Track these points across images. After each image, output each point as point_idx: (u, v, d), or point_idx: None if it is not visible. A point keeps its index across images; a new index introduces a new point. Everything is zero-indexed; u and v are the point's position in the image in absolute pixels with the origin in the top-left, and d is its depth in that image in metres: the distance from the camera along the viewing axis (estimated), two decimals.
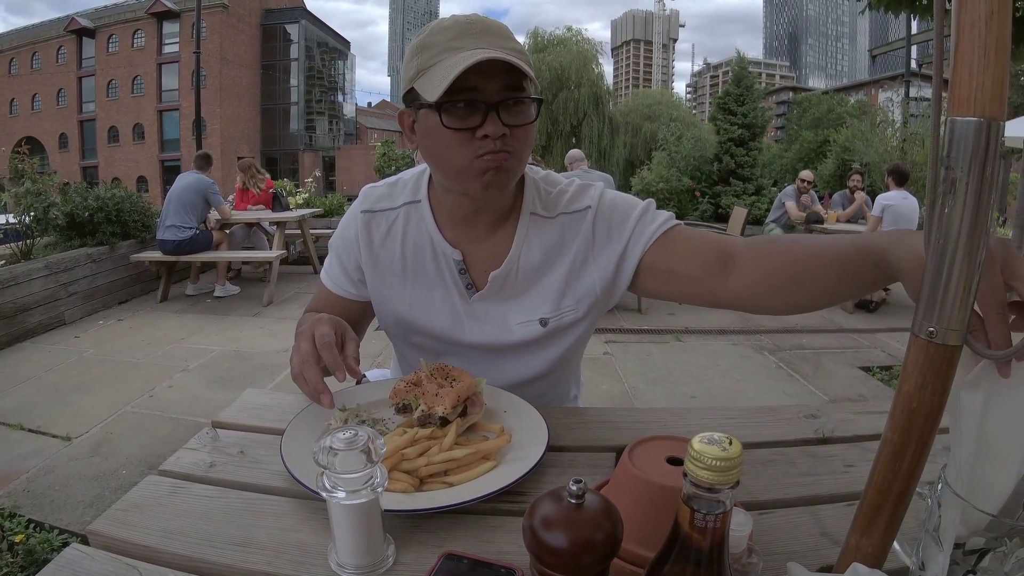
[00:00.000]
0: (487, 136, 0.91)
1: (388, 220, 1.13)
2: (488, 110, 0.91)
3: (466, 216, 1.08)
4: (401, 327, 1.17)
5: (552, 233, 1.09)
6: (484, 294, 1.10)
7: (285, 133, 50.34)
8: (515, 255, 1.09)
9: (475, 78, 0.89)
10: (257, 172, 7.02)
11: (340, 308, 1.15)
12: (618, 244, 1.06)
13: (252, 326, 4.99)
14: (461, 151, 0.93)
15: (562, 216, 1.10)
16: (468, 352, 1.13)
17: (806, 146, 32.35)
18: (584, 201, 1.10)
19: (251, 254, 6.34)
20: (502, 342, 1.11)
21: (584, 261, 1.09)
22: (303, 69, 50.23)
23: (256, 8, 47.52)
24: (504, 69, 0.90)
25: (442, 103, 0.91)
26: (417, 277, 1.12)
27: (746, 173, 9.43)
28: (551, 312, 1.10)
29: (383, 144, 9.33)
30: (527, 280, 1.10)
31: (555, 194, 1.12)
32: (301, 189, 8.68)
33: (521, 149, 0.96)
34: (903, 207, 5.80)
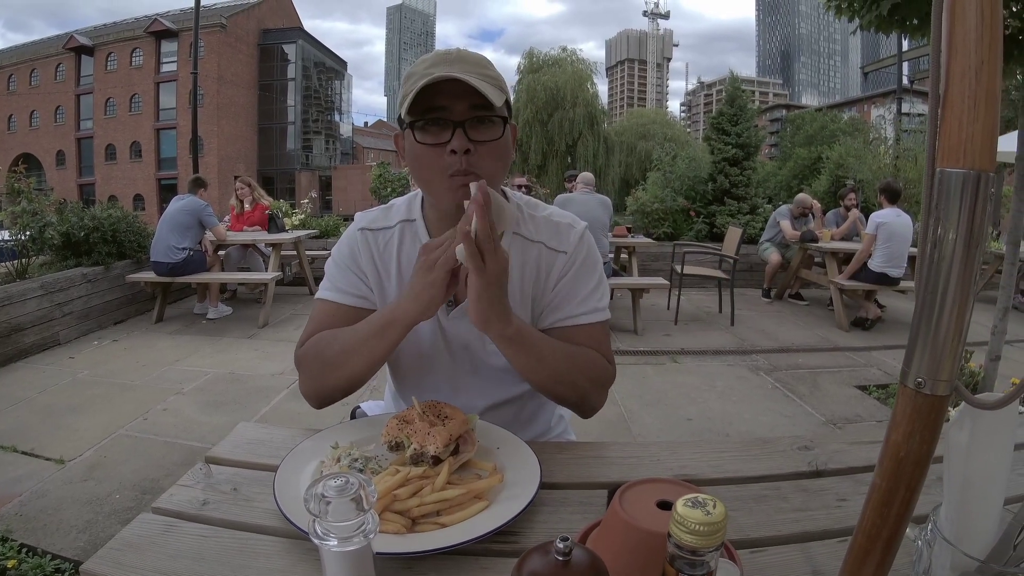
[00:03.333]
0: (454, 152, 0.99)
1: (385, 238, 1.19)
2: (455, 127, 0.99)
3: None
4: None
5: (530, 256, 1.17)
6: (464, 308, 1.12)
7: (282, 152, 50.46)
8: None
9: (445, 99, 0.99)
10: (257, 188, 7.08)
11: (343, 320, 1.13)
12: (556, 296, 1.16)
13: (247, 348, 4.97)
14: (433, 166, 1.02)
15: (541, 245, 1.17)
16: (446, 369, 1.18)
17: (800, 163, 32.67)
18: (563, 243, 1.18)
19: (246, 276, 6.34)
20: (478, 358, 1.17)
21: (543, 292, 1.17)
22: (300, 89, 50.49)
23: (254, 28, 47.88)
24: (471, 91, 0.97)
25: (415, 122, 1.02)
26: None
27: (740, 192, 9.47)
28: None
29: (379, 165, 9.36)
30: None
31: (539, 219, 1.20)
32: (297, 210, 8.69)
33: (488, 165, 1.03)
34: (896, 224, 5.83)
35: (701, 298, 7.18)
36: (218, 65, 43.07)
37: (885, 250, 5.83)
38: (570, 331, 1.14)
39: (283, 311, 6.18)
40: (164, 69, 43.35)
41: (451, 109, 1.00)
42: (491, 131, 1.03)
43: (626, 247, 6.77)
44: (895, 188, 6.13)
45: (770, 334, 5.68)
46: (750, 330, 5.81)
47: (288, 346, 5.00)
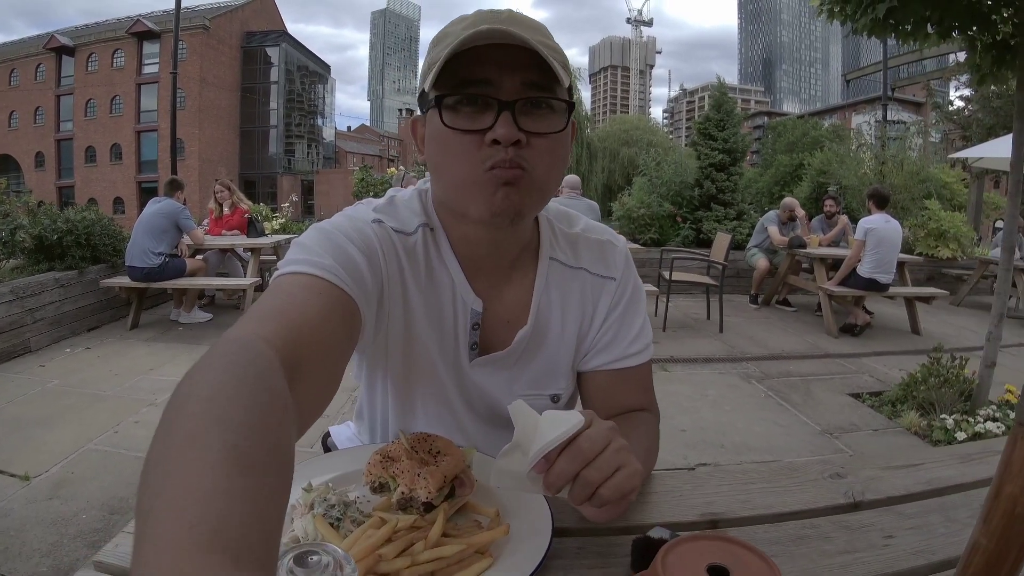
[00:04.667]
0: (497, 142, 0.73)
1: (408, 246, 0.87)
2: (502, 109, 0.73)
3: (482, 253, 0.89)
4: (409, 384, 0.94)
5: (572, 287, 0.95)
6: (497, 358, 0.92)
7: (264, 156, 50.08)
8: (537, 310, 0.93)
9: (490, 69, 0.73)
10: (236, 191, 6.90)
11: (329, 313, 0.68)
12: (605, 334, 0.96)
13: None
14: (465, 159, 0.75)
15: (584, 272, 0.96)
16: (460, 419, 0.97)
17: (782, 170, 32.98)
18: (610, 268, 0.97)
19: (224, 281, 6.15)
20: (499, 414, 0.94)
21: (589, 330, 0.97)
22: (283, 92, 50.18)
23: (237, 31, 47.48)
24: (527, 63, 0.73)
25: (444, 97, 0.75)
26: (432, 325, 0.90)
27: (727, 198, 9.44)
28: (566, 386, 0.97)
29: (361, 169, 9.25)
30: (540, 342, 0.94)
31: (574, 238, 0.98)
32: (278, 214, 8.52)
33: (542, 165, 0.77)
34: (886, 230, 5.81)
35: (688, 304, 7.10)
36: (200, 67, 42.67)
37: (874, 256, 5.79)
38: (619, 375, 0.96)
39: None
40: (146, 71, 42.89)
41: (498, 84, 0.74)
42: (550, 120, 0.77)
43: None
44: (884, 194, 6.11)
45: (760, 341, 5.61)
46: (739, 337, 5.73)
47: None
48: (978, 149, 9.03)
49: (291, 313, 0.62)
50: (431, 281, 0.89)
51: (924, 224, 8.76)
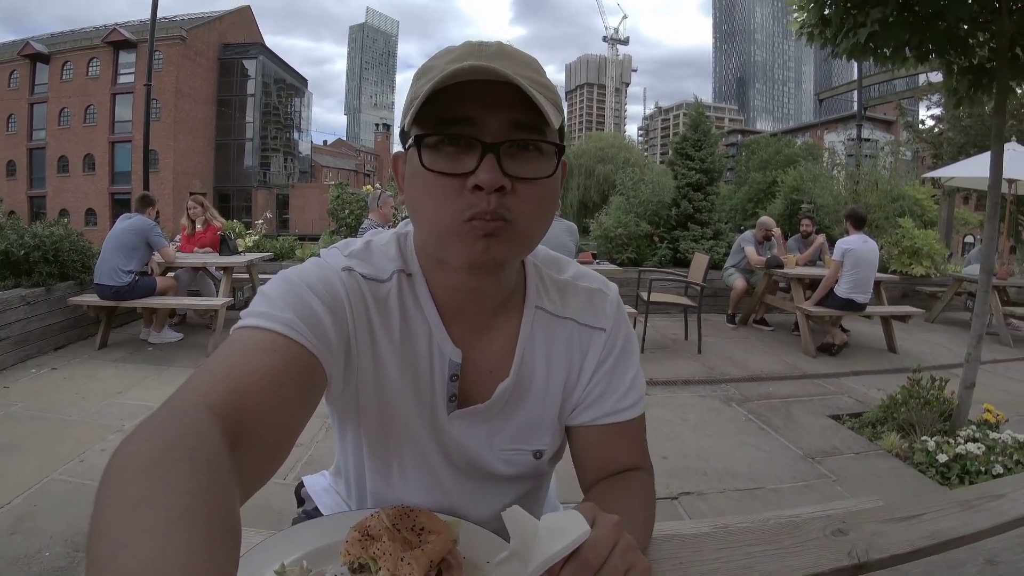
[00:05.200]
0: (479, 188, 0.67)
1: (380, 295, 0.82)
2: (485, 151, 0.67)
3: (462, 300, 0.84)
4: (384, 437, 0.88)
5: (558, 337, 0.90)
6: (477, 411, 0.86)
7: (239, 169, 49.66)
8: (520, 361, 0.87)
9: (473, 107, 0.68)
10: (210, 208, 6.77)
11: (281, 372, 0.64)
12: (594, 388, 0.91)
13: None
14: (445, 205, 0.69)
15: (571, 323, 0.90)
16: (441, 477, 0.90)
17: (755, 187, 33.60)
18: (599, 318, 0.91)
19: (195, 301, 6.01)
20: (482, 469, 0.90)
21: (576, 384, 0.91)
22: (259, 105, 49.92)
23: (214, 42, 47.20)
24: (514, 101, 0.68)
25: (425, 137, 0.69)
26: (406, 377, 0.84)
27: (704, 218, 9.49)
28: (550, 441, 0.92)
29: (337, 186, 9.12)
30: (523, 395, 0.89)
31: (563, 285, 0.92)
32: (251, 231, 8.36)
33: (527, 213, 0.71)
34: (863, 251, 5.86)
35: (666, 324, 7.09)
36: (176, 78, 42.29)
37: (852, 276, 5.84)
38: (610, 430, 0.90)
39: None
40: (121, 80, 42.44)
41: (482, 124, 0.68)
42: (537, 164, 0.71)
43: None
44: (861, 214, 6.17)
45: (738, 362, 5.61)
46: (718, 358, 5.73)
47: None
48: (952, 168, 9.22)
49: (237, 374, 0.60)
50: (406, 330, 0.83)
51: (898, 242, 8.89)
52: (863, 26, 3.36)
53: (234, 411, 0.55)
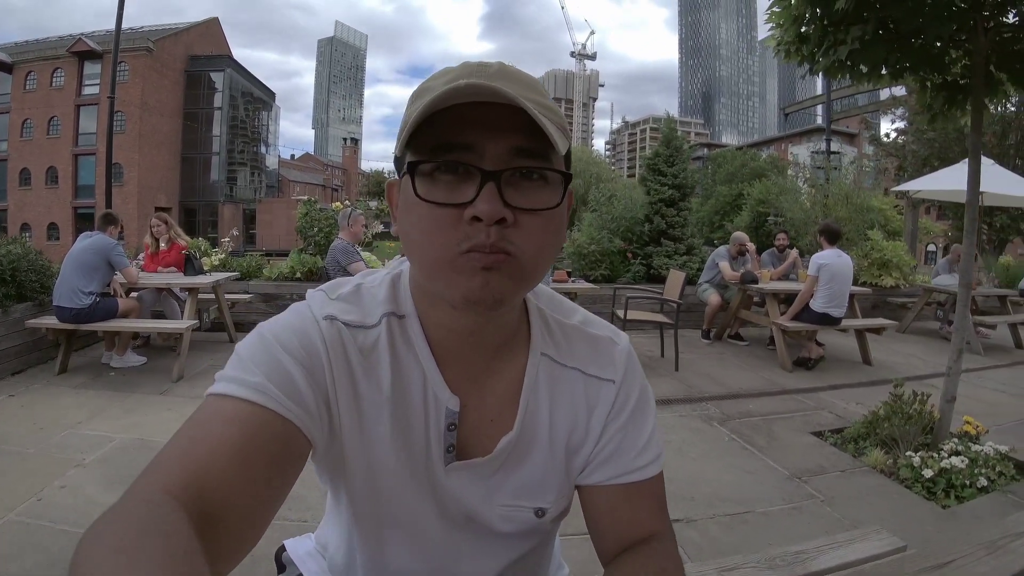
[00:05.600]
0: (477, 219, 0.61)
1: (369, 340, 0.75)
2: (485, 180, 0.61)
3: (459, 342, 0.76)
4: (375, 493, 0.78)
5: (562, 388, 0.82)
6: (476, 464, 0.78)
7: (205, 184, 48.76)
8: (524, 412, 0.80)
9: (472, 133, 0.62)
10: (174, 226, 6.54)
11: (249, 445, 0.60)
12: (606, 446, 0.82)
13: (159, 407, 4.42)
14: (439, 237, 0.63)
15: (577, 373, 0.83)
16: (437, 537, 0.81)
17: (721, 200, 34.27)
18: (607, 369, 0.83)
19: (159, 323, 5.75)
20: (482, 526, 0.81)
21: (584, 441, 0.83)
22: (226, 118, 49.16)
23: (181, 54, 46.46)
24: (517, 126, 0.62)
25: (420, 163, 0.64)
26: (398, 429, 0.76)
27: (677, 233, 9.49)
28: (554, 500, 0.83)
29: (305, 203, 8.94)
30: (527, 450, 0.81)
31: (569, 331, 0.85)
32: (217, 249, 8.13)
33: (531, 247, 0.64)
34: (838, 265, 5.90)
35: (641, 342, 7.02)
36: (142, 90, 41.47)
37: (827, 291, 5.87)
38: (626, 491, 0.81)
39: (200, 362, 5.60)
40: (86, 92, 41.49)
41: (481, 151, 0.63)
42: (542, 194, 0.65)
43: (568, 293, 6.56)
44: (835, 229, 6.22)
45: (716, 379, 5.56)
46: (696, 375, 5.68)
47: None
48: (921, 181, 9.41)
49: (198, 454, 0.58)
50: (398, 378, 0.75)
51: (868, 254, 9.03)
52: (843, 44, 3.36)
53: (196, 495, 0.54)
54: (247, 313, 7.21)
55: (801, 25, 3.60)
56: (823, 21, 3.50)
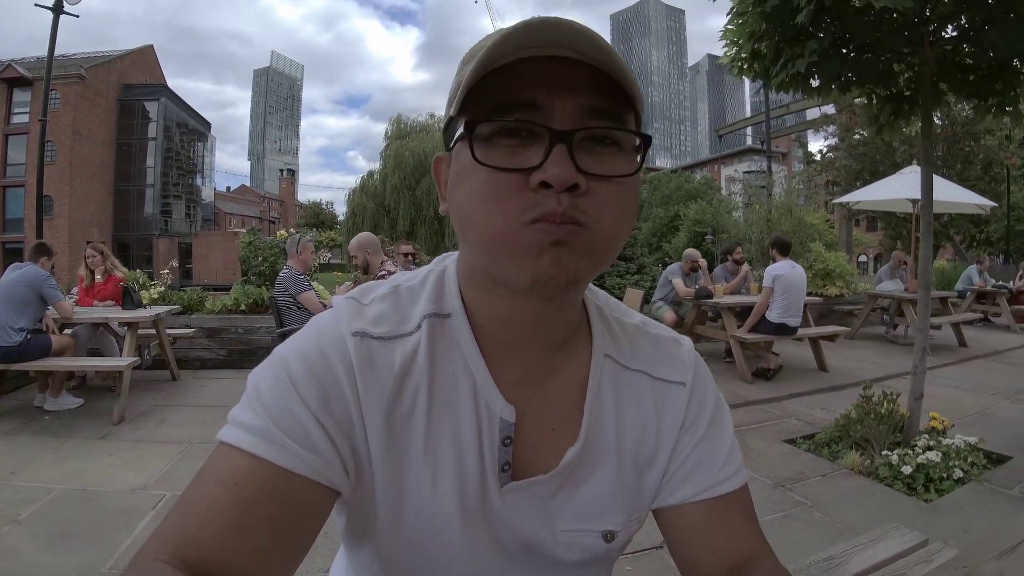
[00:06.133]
0: (546, 186, 0.53)
1: (402, 351, 0.64)
2: (554, 141, 0.53)
3: (517, 338, 0.66)
4: (410, 540, 0.66)
5: (628, 393, 0.72)
6: (537, 483, 0.67)
7: (139, 217, 46.96)
8: (588, 420, 0.69)
9: (538, 91, 0.54)
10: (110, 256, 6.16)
11: (257, 506, 0.54)
12: (685, 458, 0.73)
13: (100, 452, 4.06)
14: (500, 208, 0.54)
15: (643, 376, 0.73)
16: (476, 565, 0.68)
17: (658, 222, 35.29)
18: (675, 371, 0.75)
19: (97, 361, 5.37)
20: (532, 560, 0.69)
21: (656, 452, 0.73)
22: (161, 149, 47.64)
23: (115, 82, 44.81)
24: (589, 84, 0.54)
25: (476, 124, 0.54)
26: (444, 450, 0.65)
27: (628, 252, 9.58)
28: (623, 521, 0.71)
29: (249, 232, 8.66)
30: (593, 464, 0.70)
31: (631, 330, 0.76)
32: (156, 282, 7.73)
33: (607, 220, 0.56)
34: (792, 276, 6.03)
35: None
36: (74, 119, 39.70)
37: (783, 301, 5.97)
38: (716, 505, 0.71)
39: (142, 402, 5.22)
40: (15, 120, 39.38)
41: (548, 109, 0.54)
42: (617, 161, 0.56)
43: None
44: (786, 241, 6.38)
45: None
46: None
47: (150, 448, 4.14)
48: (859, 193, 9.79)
49: (192, 526, 0.53)
50: (441, 388, 0.64)
51: (812, 265, 9.31)
52: (800, 57, 3.43)
53: (192, 568, 0.51)
54: (190, 349, 6.82)
55: (755, 41, 3.67)
56: (777, 38, 3.58)
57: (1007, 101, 3.46)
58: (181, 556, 0.51)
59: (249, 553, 0.53)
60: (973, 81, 3.53)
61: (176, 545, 0.52)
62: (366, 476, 0.63)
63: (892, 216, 19.26)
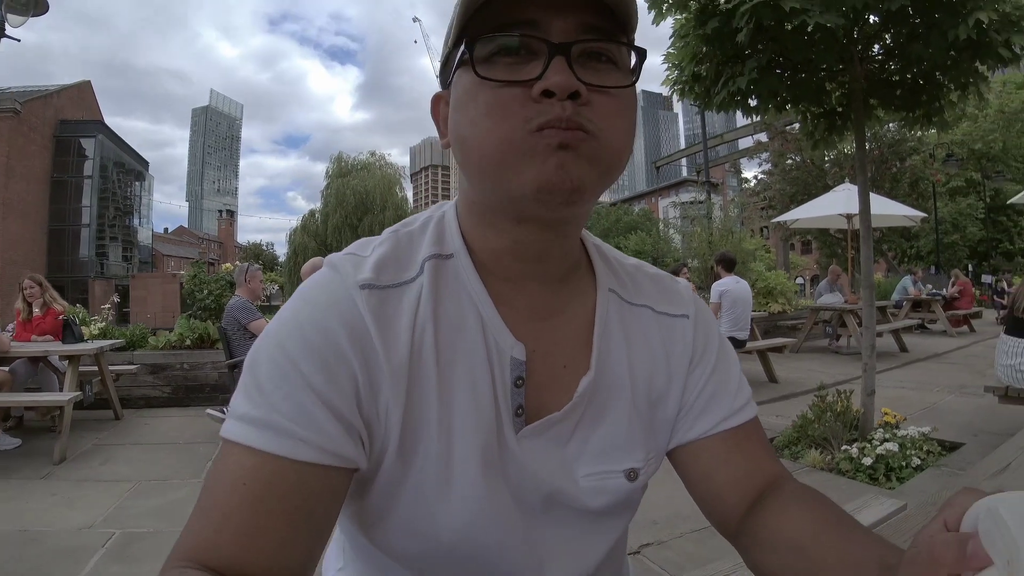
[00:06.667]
0: (548, 95, 0.53)
1: (412, 298, 0.63)
2: (553, 54, 0.54)
3: (520, 272, 0.66)
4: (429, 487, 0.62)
5: (635, 328, 0.73)
6: (555, 421, 0.66)
7: (74, 258, 45.01)
8: (598, 352, 0.69)
9: (535, 10, 0.55)
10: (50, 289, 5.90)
11: (269, 501, 0.53)
12: (700, 389, 0.74)
13: (42, 492, 3.83)
14: (504, 119, 0.55)
15: (647, 311, 0.74)
16: (504, 532, 0.65)
17: None
18: (677, 305, 0.76)
19: (35, 397, 5.10)
20: (557, 510, 0.68)
21: (668, 386, 0.73)
22: (97, 189, 45.94)
23: (51, 118, 43.08)
24: (585, 2, 0.56)
25: (477, 41, 0.56)
26: (451, 395, 0.62)
27: None
28: (643, 458, 0.71)
29: (194, 265, 8.49)
30: (608, 397, 0.69)
31: (630, 269, 0.77)
32: (97, 317, 7.43)
33: (611, 128, 0.56)
34: (738, 290, 6.25)
35: None
36: (7, 155, 37.90)
37: (731, 315, 6.15)
38: (734, 436, 0.72)
39: (84, 441, 4.95)
40: None
41: (546, 26, 0.55)
42: (614, 76, 0.58)
43: None
44: (730, 258, 6.64)
45: None
46: None
47: (95, 487, 3.92)
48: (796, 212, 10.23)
49: (208, 534, 0.53)
50: (448, 330, 0.63)
51: (754, 284, 9.66)
52: (741, 75, 3.60)
53: (223, 569, 0.52)
54: (133, 386, 6.51)
55: (696, 64, 3.84)
56: (717, 60, 3.76)
57: (932, 112, 3.70)
58: (203, 563, 0.51)
59: (270, 550, 0.53)
60: (900, 95, 3.79)
61: (197, 554, 0.52)
62: (380, 443, 0.61)
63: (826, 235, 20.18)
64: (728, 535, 0.72)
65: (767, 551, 0.64)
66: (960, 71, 3.47)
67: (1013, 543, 0.37)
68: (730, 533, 0.71)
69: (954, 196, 24.93)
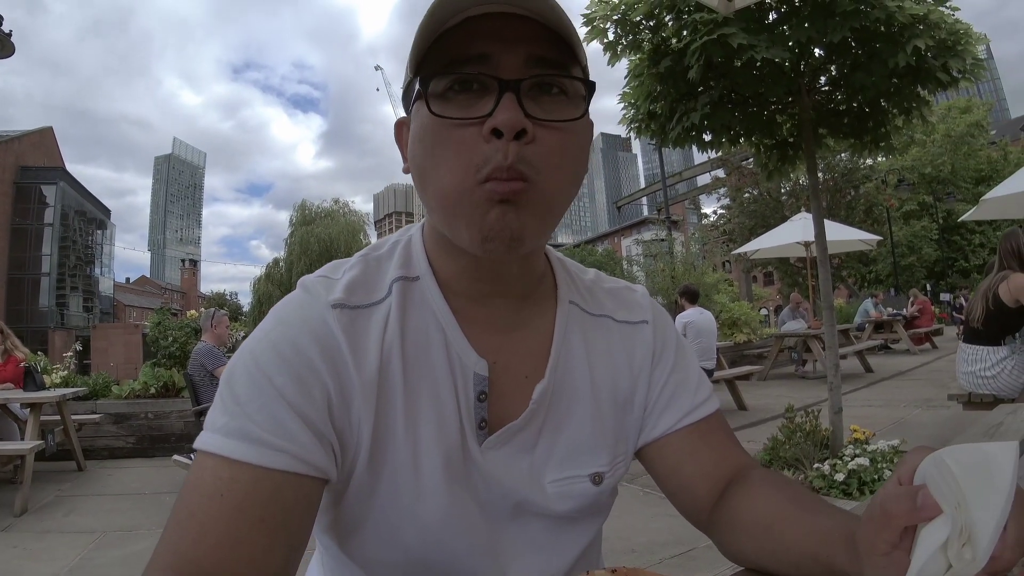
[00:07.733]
0: (497, 133, 0.56)
1: (380, 318, 0.67)
2: (503, 90, 0.57)
3: (481, 294, 0.70)
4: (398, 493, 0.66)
5: (596, 337, 0.77)
6: (515, 430, 0.69)
7: (34, 308, 43.73)
8: (556, 360, 0.73)
9: (488, 43, 0.58)
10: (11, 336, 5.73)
11: (246, 512, 0.55)
12: (662, 389, 0.78)
13: (3, 545, 3.71)
14: (456, 161, 0.58)
15: (608, 320, 0.79)
16: (471, 538, 0.68)
17: None
18: (636, 312, 0.81)
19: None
20: (524, 517, 0.71)
21: (632, 390, 0.77)
22: (57, 237, 45.03)
23: (11, 164, 42.17)
24: (535, 35, 0.59)
25: (431, 78, 0.59)
26: (416, 410, 0.66)
27: None
28: (608, 461, 0.74)
29: (159, 311, 8.36)
30: (568, 404, 0.73)
31: (590, 284, 0.82)
32: (58, 365, 7.23)
33: (551, 171, 0.59)
34: (702, 321, 6.39)
35: None
36: None
37: (696, 346, 6.28)
38: (697, 430, 0.76)
39: (46, 492, 4.80)
40: None
41: (497, 61, 0.58)
42: (564, 108, 0.61)
43: None
44: (694, 290, 6.81)
45: None
46: None
47: (59, 538, 3.80)
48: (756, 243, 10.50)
49: (186, 548, 0.54)
50: (414, 349, 0.67)
51: (718, 315, 9.83)
52: (694, 111, 3.75)
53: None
54: (96, 436, 6.31)
55: (651, 102, 3.99)
56: (671, 97, 3.92)
57: (880, 137, 3.90)
58: (183, 575, 0.52)
59: (248, 559, 0.54)
60: (848, 123, 3.99)
61: (176, 566, 0.53)
62: (351, 454, 0.64)
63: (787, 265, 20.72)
64: (701, 526, 0.75)
65: (739, 534, 0.68)
66: (903, 96, 3.67)
67: (959, 489, 0.42)
68: (703, 523, 0.75)
69: (908, 220, 25.93)
